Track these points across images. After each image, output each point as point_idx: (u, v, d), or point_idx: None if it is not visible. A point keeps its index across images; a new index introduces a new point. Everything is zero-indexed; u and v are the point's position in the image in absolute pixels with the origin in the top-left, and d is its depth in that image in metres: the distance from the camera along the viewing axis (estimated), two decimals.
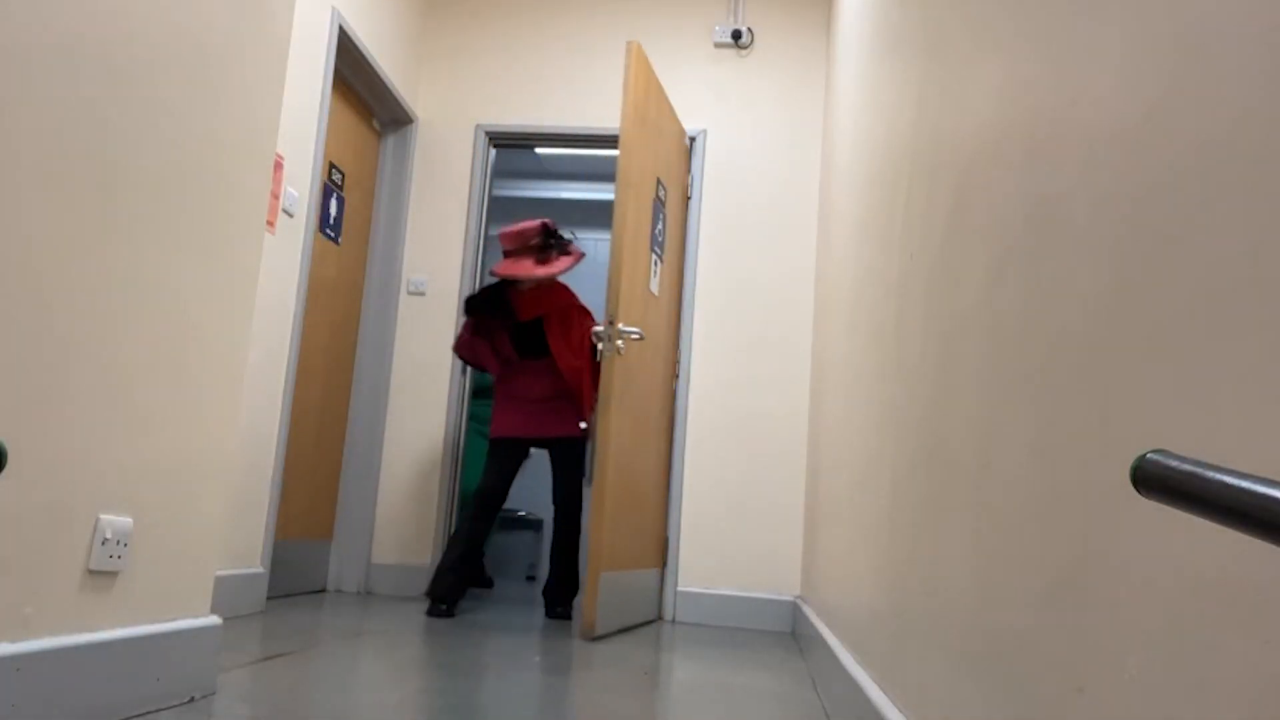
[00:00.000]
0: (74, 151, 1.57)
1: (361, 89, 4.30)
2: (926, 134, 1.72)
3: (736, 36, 4.65)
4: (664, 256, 4.19)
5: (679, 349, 4.47)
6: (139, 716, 1.75)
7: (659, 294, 4.10)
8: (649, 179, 3.88)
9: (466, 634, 3.26)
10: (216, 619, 2.00)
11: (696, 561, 4.30)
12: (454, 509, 4.53)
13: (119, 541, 1.71)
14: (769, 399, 4.39)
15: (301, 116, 3.63)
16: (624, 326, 3.52)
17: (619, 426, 3.53)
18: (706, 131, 4.63)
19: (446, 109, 4.75)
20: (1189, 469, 0.43)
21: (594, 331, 3.69)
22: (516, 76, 4.75)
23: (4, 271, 1.44)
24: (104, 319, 1.66)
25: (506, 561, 6.43)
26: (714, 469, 4.36)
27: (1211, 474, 0.42)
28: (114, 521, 1.70)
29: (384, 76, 4.28)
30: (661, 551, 4.28)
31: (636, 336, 3.56)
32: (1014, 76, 1.19)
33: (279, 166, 3.48)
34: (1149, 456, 0.45)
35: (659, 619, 4.24)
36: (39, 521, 1.53)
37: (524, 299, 4.03)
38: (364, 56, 4.09)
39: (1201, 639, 0.63)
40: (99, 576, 1.68)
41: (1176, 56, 0.74)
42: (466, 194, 4.66)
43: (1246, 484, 0.40)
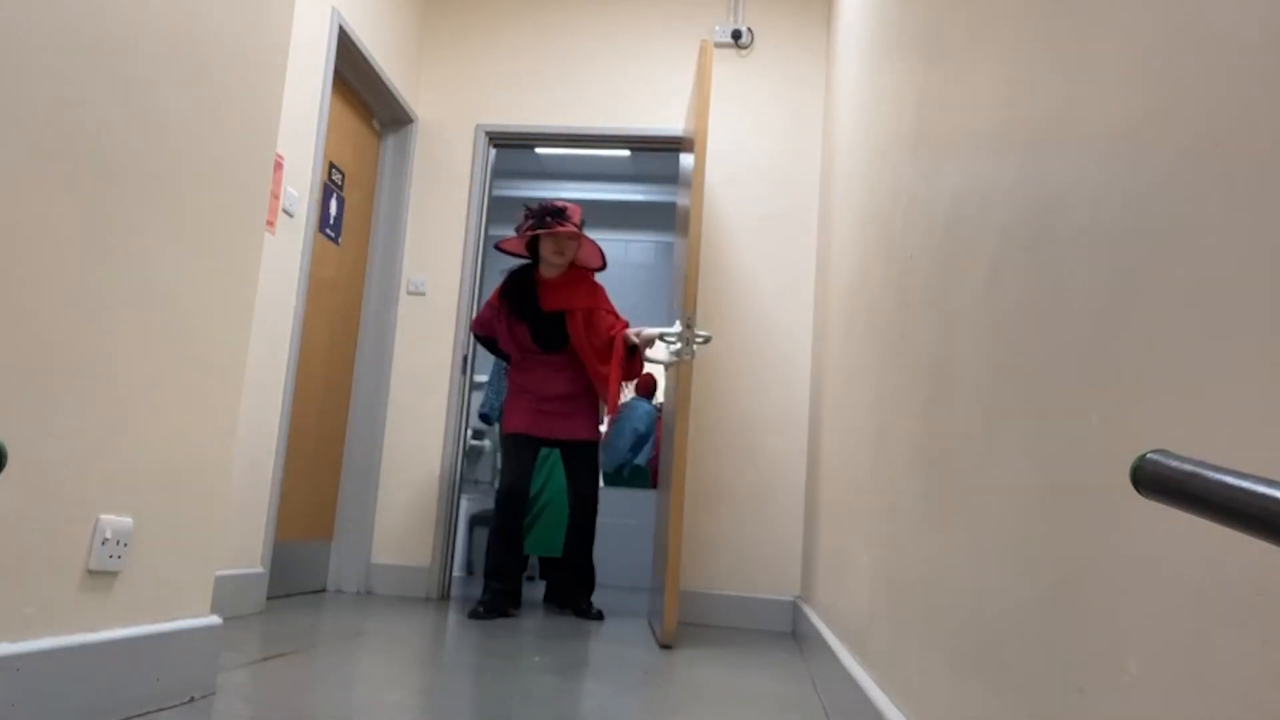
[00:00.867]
0: (74, 152, 1.57)
1: (361, 89, 4.30)
2: (927, 133, 1.72)
3: (736, 36, 4.65)
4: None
5: None
6: (139, 716, 1.75)
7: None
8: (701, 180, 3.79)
9: (474, 632, 3.26)
10: (216, 619, 2.00)
11: (696, 562, 4.30)
12: (454, 509, 4.53)
13: (119, 541, 1.71)
14: (769, 399, 4.39)
15: (301, 116, 3.63)
16: (698, 332, 3.48)
17: (683, 433, 3.43)
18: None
19: (446, 109, 4.75)
20: (1189, 469, 0.43)
21: (634, 334, 3.83)
22: (516, 76, 4.75)
23: (4, 272, 1.44)
24: (104, 319, 1.66)
25: None
26: (714, 469, 4.36)
27: (1211, 474, 0.42)
28: (114, 521, 1.70)
29: (384, 76, 4.28)
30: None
31: (702, 340, 3.49)
32: (1014, 76, 1.19)
33: (279, 166, 3.47)
34: (1149, 456, 0.45)
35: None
36: (39, 521, 1.53)
37: (550, 289, 3.95)
38: (364, 56, 4.08)
39: (1201, 639, 0.63)
40: (99, 576, 1.68)
41: (1177, 57, 0.74)
42: (466, 194, 4.66)
43: (1246, 484, 0.40)
